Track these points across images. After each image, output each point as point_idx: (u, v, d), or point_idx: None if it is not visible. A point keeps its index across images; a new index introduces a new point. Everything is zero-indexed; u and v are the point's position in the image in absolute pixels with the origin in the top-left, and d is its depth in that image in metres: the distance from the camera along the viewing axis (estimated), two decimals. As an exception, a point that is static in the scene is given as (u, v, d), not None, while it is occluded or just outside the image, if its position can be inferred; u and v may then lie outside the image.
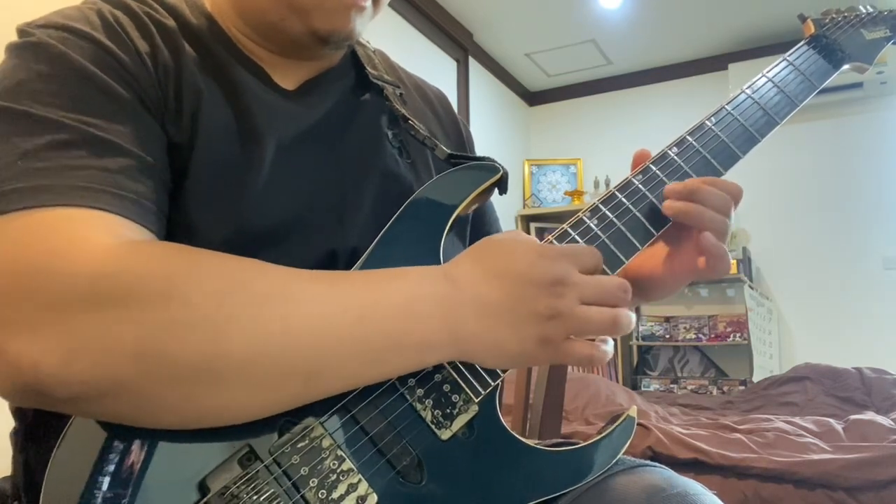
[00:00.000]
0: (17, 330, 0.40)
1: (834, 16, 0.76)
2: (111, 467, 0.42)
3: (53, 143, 0.46)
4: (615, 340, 0.53)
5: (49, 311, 0.40)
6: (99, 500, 0.41)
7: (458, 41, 3.58)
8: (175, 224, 0.52)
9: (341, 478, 0.46)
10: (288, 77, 0.63)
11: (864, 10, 0.77)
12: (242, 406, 0.44)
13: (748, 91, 0.67)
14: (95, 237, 0.43)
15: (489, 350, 0.50)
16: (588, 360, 0.50)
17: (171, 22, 0.58)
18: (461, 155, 0.65)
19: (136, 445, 0.43)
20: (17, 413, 0.53)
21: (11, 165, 0.44)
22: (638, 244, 0.58)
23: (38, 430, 0.50)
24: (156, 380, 0.41)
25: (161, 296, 0.41)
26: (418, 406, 0.50)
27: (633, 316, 0.52)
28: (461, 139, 0.78)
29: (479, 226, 0.74)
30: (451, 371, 0.51)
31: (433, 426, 0.50)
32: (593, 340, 0.51)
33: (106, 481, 0.42)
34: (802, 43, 0.73)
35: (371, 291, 0.48)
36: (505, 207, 3.91)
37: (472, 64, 3.76)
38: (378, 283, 0.49)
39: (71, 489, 0.41)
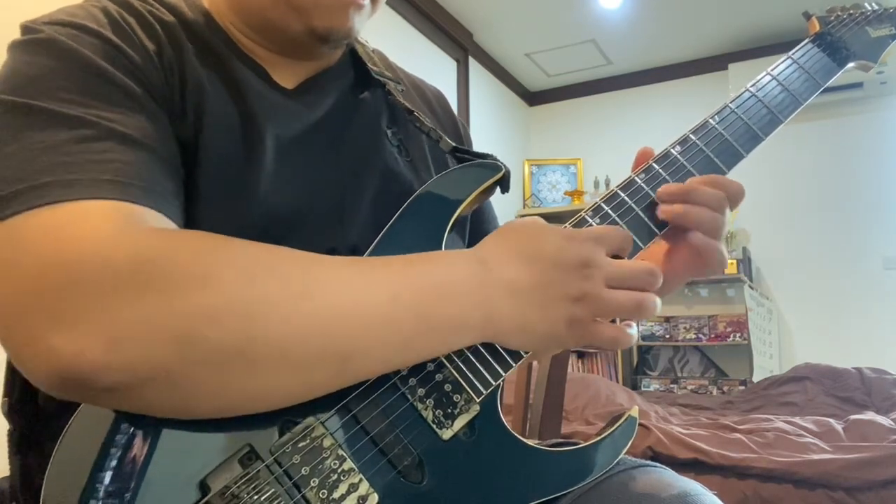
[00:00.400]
0: (58, 320, 0.39)
1: (839, 13, 0.75)
2: (111, 467, 0.42)
3: (76, 137, 0.45)
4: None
5: (90, 300, 0.39)
6: (99, 499, 0.41)
7: (458, 41, 3.57)
8: None
9: (342, 478, 0.46)
10: (287, 76, 0.63)
11: (870, 8, 0.77)
12: (277, 390, 0.44)
13: (752, 89, 0.66)
14: (130, 226, 0.43)
15: (519, 331, 0.50)
16: (613, 343, 0.51)
17: (172, 19, 0.57)
18: (465, 149, 0.65)
19: (136, 445, 0.43)
20: (11, 415, 0.53)
21: (34, 160, 0.44)
22: (641, 243, 0.57)
23: (34, 432, 0.50)
24: (196, 364, 0.41)
25: (198, 280, 0.41)
26: (419, 406, 0.50)
27: (659, 301, 0.53)
28: (459, 138, 0.78)
29: (477, 224, 0.74)
30: (453, 370, 0.51)
31: (434, 426, 0.50)
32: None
33: (106, 481, 0.42)
34: (807, 41, 0.72)
35: (404, 274, 0.48)
36: (505, 207, 3.90)
37: (472, 64, 3.76)
38: (410, 266, 0.49)
39: (71, 489, 0.41)
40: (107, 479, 0.42)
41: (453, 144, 0.65)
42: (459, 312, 0.49)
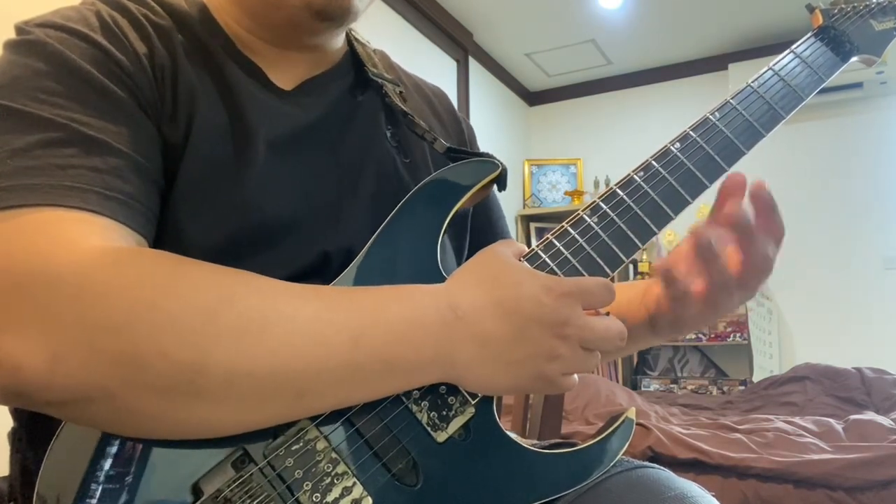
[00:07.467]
0: (1, 329, 0.39)
1: (843, 6, 0.73)
2: (104, 470, 0.42)
3: (44, 141, 0.45)
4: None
5: (33, 314, 0.39)
6: (92, 502, 0.41)
7: (458, 41, 3.57)
8: (164, 226, 0.51)
9: (336, 481, 0.45)
10: (286, 76, 0.62)
11: (874, 0, 0.74)
12: (225, 421, 0.43)
13: (754, 84, 0.65)
14: (82, 240, 0.42)
15: (480, 381, 0.49)
16: (571, 389, 0.51)
17: (168, 23, 0.57)
18: (460, 149, 0.65)
19: (129, 448, 0.43)
20: (15, 413, 0.53)
21: (1, 163, 0.44)
22: (639, 243, 0.57)
23: (35, 430, 0.50)
24: (137, 389, 0.40)
25: (146, 306, 0.41)
26: (414, 408, 0.49)
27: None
28: (462, 137, 0.78)
29: (484, 221, 0.74)
30: (449, 372, 0.50)
31: (429, 428, 0.49)
32: None
33: (99, 484, 0.41)
34: (810, 34, 0.70)
35: (368, 313, 0.47)
36: (505, 207, 3.87)
37: (472, 64, 3.75)
38: (377, 303, 0.48)
39: (63, 491, 0.41)
40: (99, 482, 0.42)
41: (447, 146, 0.65)
42: (420, 356, 0.47)
